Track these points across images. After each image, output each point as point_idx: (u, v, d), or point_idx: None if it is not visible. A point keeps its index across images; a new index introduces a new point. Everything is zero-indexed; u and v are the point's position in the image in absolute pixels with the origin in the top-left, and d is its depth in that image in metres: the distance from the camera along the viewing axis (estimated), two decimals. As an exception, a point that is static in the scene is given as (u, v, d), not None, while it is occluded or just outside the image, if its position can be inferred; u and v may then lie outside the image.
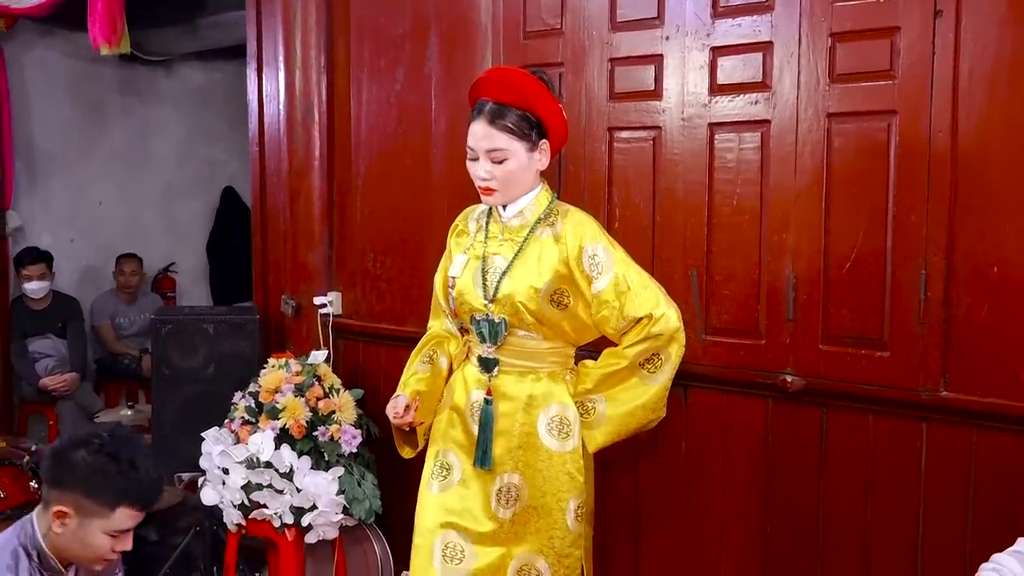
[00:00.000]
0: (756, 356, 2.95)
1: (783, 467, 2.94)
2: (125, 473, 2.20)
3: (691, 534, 3.14)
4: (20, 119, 6.22)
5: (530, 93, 2.50)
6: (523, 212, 2.60)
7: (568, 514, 2.66)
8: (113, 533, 2.23)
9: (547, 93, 2.54)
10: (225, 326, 4.07)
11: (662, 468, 3.19)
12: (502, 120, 2.49)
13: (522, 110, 2.50)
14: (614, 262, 2.55)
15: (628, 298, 2.54)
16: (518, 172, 2.53)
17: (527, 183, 2.58)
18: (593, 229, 2.59)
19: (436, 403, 2.84)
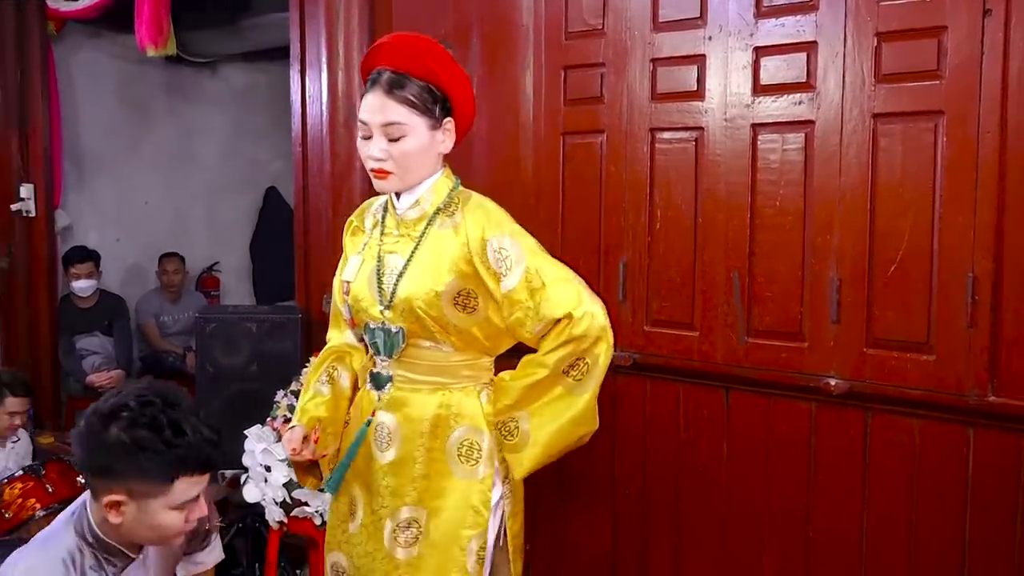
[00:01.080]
0: (799, 359, 2.92)
1: (826, 472, 2.91)
2: (171, 441, 1.91)
3: (732, 539, 3.12)
4: (68, 120, 6.32)
5: (436, 63, 2.16)
6: (420, 202, 2.24)
7: (469, 555, 2.27)
8: (180, 506, 1.97)
9: (455, 65, 2.22)
10: (268, 325, 4.11)
11: (703, 471, 3.17)
12: (401, 91, 2.13)
13: (426, 81, 2.15)
14: (524, 254, 2.19)
15: (543, 296, 2.19)
16: (417, 153, 2.17)
17: (427, 167, 2.22)
18: (498, 217, 2.25)
19: (341, 428, 2.43)
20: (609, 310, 3.29)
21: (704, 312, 3.11)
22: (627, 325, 3.29)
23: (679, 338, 3.17)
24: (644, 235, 3.23)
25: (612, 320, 3.29)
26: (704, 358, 3.11)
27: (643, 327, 3.26)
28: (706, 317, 3.11)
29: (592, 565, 3.47)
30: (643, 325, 3.26)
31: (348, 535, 2.44)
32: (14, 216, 5.86)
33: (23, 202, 5.82)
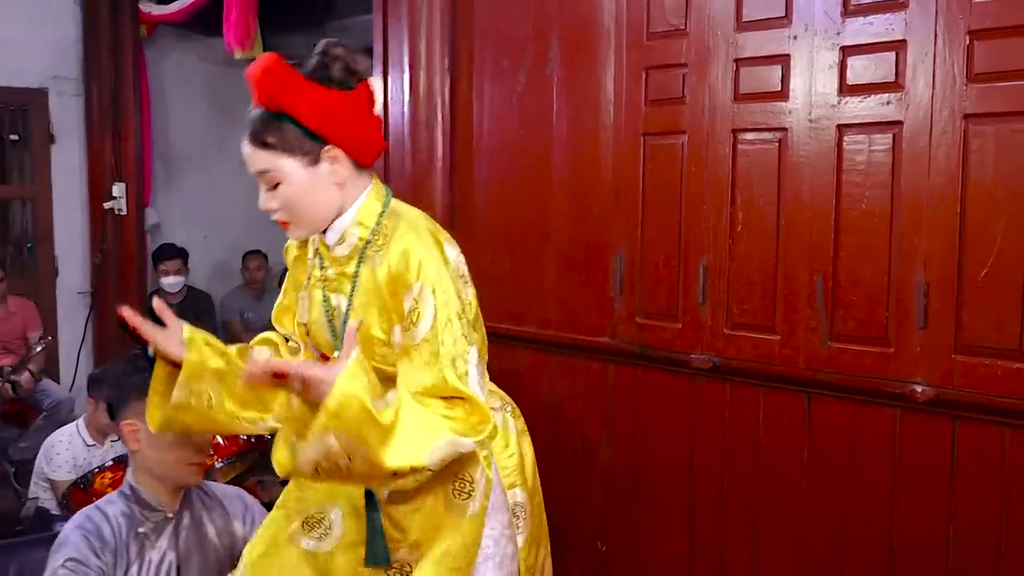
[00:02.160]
0: (884, 364, 2.86)
1: (910, 481, 2.85)
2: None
3: (812, 547, 3.06)
4: (158, 120, 6.51)
5: (279, 92, 1.84)
6: (345, 237, 1.97)
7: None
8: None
9: (309, 92, 1.86)
10: (348, 323, 4.16)
11: (782, 478, 3.12)
12: (261, 135, 1.89)
13: (281, 117, 1.87)
14: (434, 306, 1.88)
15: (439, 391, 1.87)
16: (301, 196, 1.91)
17: (327, 204, 1.93)
18: (421, 254, 1.89)
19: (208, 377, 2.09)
20: (689, 313, 3.30)
21: (786, 315, 3.07)
22: (707, 328, 3.26)
23: (760, 341, 3.13)
24: (725, 237, 3.19)
25: (691, 323, 3.30)
26: (785, 362, 3.07)
27: (723, 330, 3.22)
28: (788, 321, 3.06)
29: (668, 569, 3.45)
30: (723, 328, 3.22)
31: (303, 551, 2.10)
32: (106, 214, 6.05)
33: (115, 200, 6.01)
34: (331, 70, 1.86)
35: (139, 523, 2.27)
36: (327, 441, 1.65)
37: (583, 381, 3.70)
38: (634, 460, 3.54)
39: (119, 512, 2.26)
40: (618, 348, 3.54)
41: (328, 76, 1.87)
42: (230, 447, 3.92)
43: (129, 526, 2.25)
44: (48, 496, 4.21)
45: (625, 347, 3.52)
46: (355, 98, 1.90)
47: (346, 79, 1.87)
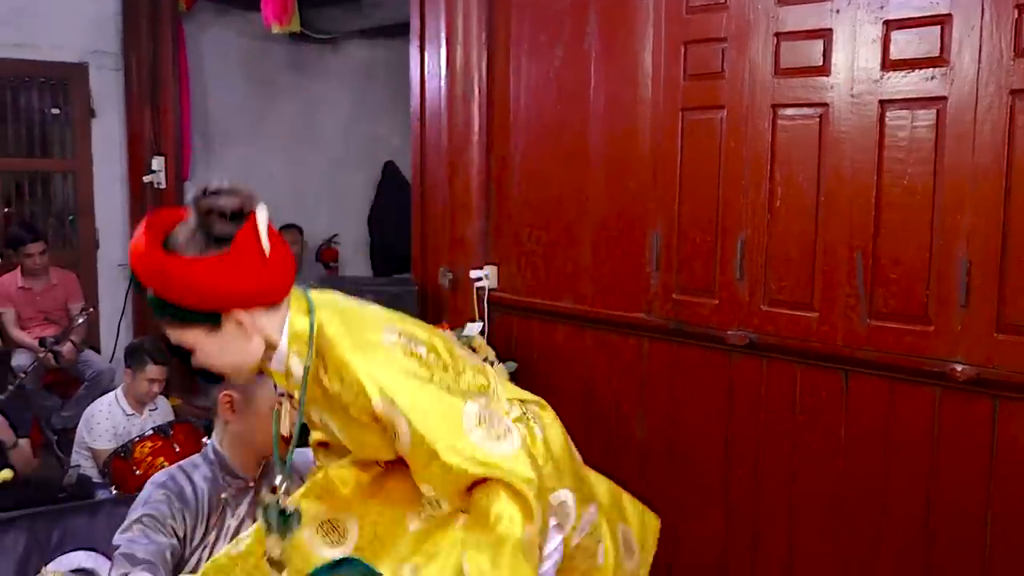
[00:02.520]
0: (923, 343, 2.83)
1: (949, 461, 2.82)
2: None
3: (848, 525, 3.05)
4: (197, 95, 6.54)
5: (154, 278, 1.69)
6: (289, 369, 1.80)
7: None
8: (280, 399, 2.16)
9: (178, 267, 1.65)
10: (385, 297, 4.15)
11: (819, 455, 3.10)
12: (157, 313, 1.74)
13: (161, 296, 1.71)
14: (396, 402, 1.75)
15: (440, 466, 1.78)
16: (216, 358, 1.78)
17: (245, 355, 1.78)
18: (355, 365, 1.75)
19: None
20: (726, 288, 3.28)
21: (824, 292, 3.04)
22: (744, 304, 3.24)
23: (797, 318, 3.11)
24: (764, 212, 3.17)
25: (728, 299, 3.28)
26: (823, 339, 3.05)
27: (760, 306, 3.20)
28: (826, 298, 3.04)
29: (703, 546, 3.45)
30: (760, 304, 3.20)
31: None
32: (146, 188, 6.10)
33: (154, 174, 6.06)
34: (209, 226, 1.66)
35: (222, 488, 2.31)
36: None
37: (618, 357, 3.70)
38: (669, 436, 3.54)
39: (203, 476, 2.30)
40: (654, 324, 3.53)
41: (203, 243, 1.66)
42: (182, 455, 3.91)
43: (212, 491, 2.30)
44: (89, 464, 4.28)
45: (661, 323, 3.51)
46: (236, 252, 1.67)
47: (224, 233, 1.66)
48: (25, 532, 3.32)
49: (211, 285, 1.66)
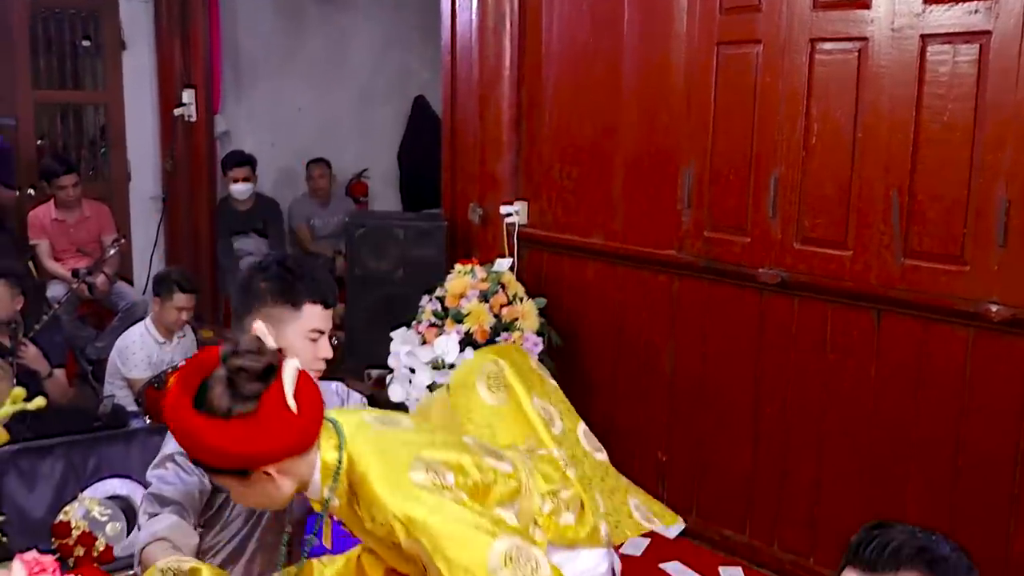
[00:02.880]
0: (959, 283, 2.80)
1: (980, 402, 2.80)
2: (301, 276, 2.28)
3: (876, 464, 3.05)
4: (227, 27, 6.50)
5: (184, 439, 1.77)
6: (327, 500, 1.85)
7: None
8: (309, 335, 2.27)
9: (206, 429, 1.70)
10: (414, 232, 4.19)
11: (849, 395, 3.10)
12: (193, 459, 1.85)
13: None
14: (429, 535, 1.77)
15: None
16: (248, 500, 1.88)
17: (275, 498, 1.83)
18: (384, 503, 1.78)
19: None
20: (758, 226, 3.25)
21: (858, 231, 3.01)
22: (776, 242, 3.21)
23: (830, 257, 3.08)
24: (799, 149, 3.12)
25: (760, 236, 3.25)
26: (856, 279, 3.02)
27: (793, 245, 3.17)
28: (860, 236, 3.00)
29: (730, 481, 3.47)
30: (793, 243, 3.17)
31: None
32: (176, 120, 6.10)
33: (185, 107, 6.05)
34: (238, 389, 1.70)
35: None
36: None
37: (649, 294, 3.69)
38: (698, 373, 3.54)
39: None
40: (685, 261, 3.51)
41: (232, 401, 1.69)
42: None
43: None
44: (123, 394, 4.35)
45: (692, 260, 3.48)
46: (264, 412, 1.71)
47: (248, 396, 1.70)
48: (62, 460, 3.39)
49: (239, 449, 1.70)
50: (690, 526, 3.58)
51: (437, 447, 1.89)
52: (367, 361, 4.19)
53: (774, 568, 3.31)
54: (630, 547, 3.46)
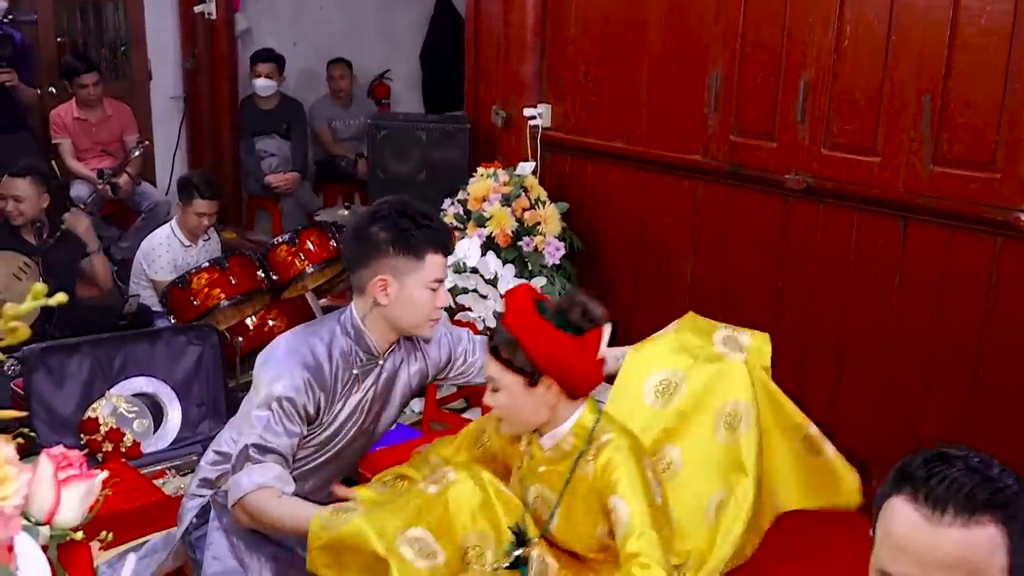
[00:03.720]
0: (989, 190, 2.76)
1: (1005, 311, 2.79)
2: (422, 225, 2.29)
3: (895, 374, 3.05)
4: (246, -79, 6.36)
5: (522, 330, 2.11)
6: (560, 445, 2.18)
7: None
8: (431, 286, 2.31)
9: (543, 333, 2.09)
10: (437, 134, 4.15)
11: (871, 303, 3.08)
12: (497, 350, 2.13)
13: (517, 343, 2.10)
14: (629, 516, 2.06)
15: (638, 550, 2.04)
16: (514, 406, 2.14)
17: (539, 416, 2.16)
18: (621, 474, 2.09)
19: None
20: (785, 131, 3.20)
21: (888, 137, 2.95)
22: (803, 147, 3.16)
23: (858, 163, 3.03)
24: (829, 52, 3.05)
25: (788, 142, 3.21)
26: (883, 185, 2.98)
27: (820, 150, 3.13)
28: (890, 142, 2.95)
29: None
30: (821, 148, 3.12)
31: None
32: (197, 18, 6.02)
33: (205, 4, 5.95)
34: (570, 314, 2.10)
35: (354, 364, 2.36)
36: None
37: (672, 199, 3.66)
38: (720, 279, 3.53)
39: (340, 352, 2.34)
40: (710, 166, 3.47)
41: (566, 321, 2.10)
42: (238, 287, 3.98)
43: (346, 367, 2.35)
44: (148, 294, 4.39)
45: (717, 165, 3.44)
46: (582, 343, 2.10)
47: (581, 324, 2.09)
48: (89, 358, 3.44)
49: (556, 355, 2.09)
50: (708, 430, 3.62)
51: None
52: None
53: (790, 473, 3.35)
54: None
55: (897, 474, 1.33)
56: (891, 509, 1.31)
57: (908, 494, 1.29)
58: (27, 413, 3.22)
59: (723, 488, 2.34)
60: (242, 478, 2.20)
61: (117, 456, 3.30)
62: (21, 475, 0.92)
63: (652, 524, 2.04)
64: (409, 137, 4.11)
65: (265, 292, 4.11)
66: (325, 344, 2.33)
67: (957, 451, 1.33)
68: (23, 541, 0.95)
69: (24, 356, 3.35)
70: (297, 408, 2.25)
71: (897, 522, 1.29)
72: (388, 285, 2.29)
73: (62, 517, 1.11)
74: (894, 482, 1.32)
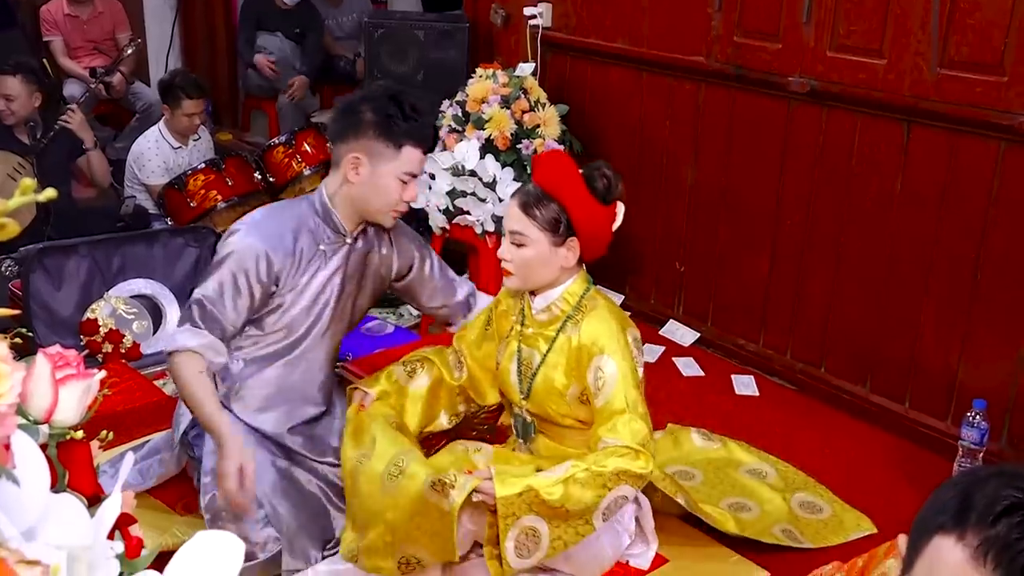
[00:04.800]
0: (994, 94, 2.72)
1: (1005, 216, 2.77)
2: (408, 116, 2.30)
3: (893, 279, 3.05)
4: None
5: (564, 189, 2.24)
6: (551, 308, 2.32)
7: None
8: (402, 177, 2.33)
9: (583, 194, 2.23)
10: (435, 33, 4.08)
11: (871, 208, 3.07)
12: (532, 208, 2.24)
13: (558, 204, 2.23)
14: (618, 379, 2.19)
15: (620, 420, 2.17)
16: (537, 262, 2.26)
17: (548, 275, 2.29)
18: (608, 335, 2.23)
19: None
20: (791, 32, 3.14)
21: (895, 38, 2.90)
22: (808, 49, 3.10)
23: (863, 65, 2.98)
24: (838, -50, 2.97)
25: (793, 43, 3.15)
26: (888, 88, 2.93)
27: (825, 52, 3.07)
28: (896, 44, 2.90)
29: (747, 293, 3.49)
30: (826, 50, 3.07)
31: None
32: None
33: None
34: (597, 183, 2.24)
35: (321, 240, 2.40)
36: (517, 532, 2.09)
37: (673, 101, 3.61)
38: (721, 183, 3.50)
39: (307, 228, 2.37)
40: (713, 68, 3.41)
41: (595, 187, 2.24)
42: (234, 189, 3.96)
43: (312, 243, 2.38)
44: (144, 197, 4.36)
45: (720, 67, 3.39)
46: (607, 213, 2.27)
47: (606, 195, 2.25)
48: (87, 259, 3.44)
49: (590, 215, 2.24)
50: (705, 335, 3.64)
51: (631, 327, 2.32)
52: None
53: (785, 377, 3.38)
54: (647, 354, 3.53)
55: (964, 511, 1.00)
56: (942, 552, 1.01)
57: (973, 553, 0.98)
58: (20, 311, 3.23)
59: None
60: (178, 335, 2.29)
61: (117, 357, 3.32)
62: (15, 373, 0.91)
63: (638, 402, 2.18)
64: (407, 36, 4.04)
65: (262, 194, 4.09)
66: (293, 218, 2.37)
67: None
68: (21, 439, 0.95)
69: (22, 257, 3.35)
70: (249, 278, 2.28)
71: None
72: (361, 165, 2.32)
73: (60, 416, 1.10)
74: (958, 517, 1.00)
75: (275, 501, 2.34)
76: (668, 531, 2.43)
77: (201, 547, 1.00)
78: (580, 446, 2.31)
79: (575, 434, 2.33)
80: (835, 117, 3.11)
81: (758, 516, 2.62)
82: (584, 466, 2.10)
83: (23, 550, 0.88)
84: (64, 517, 0.97)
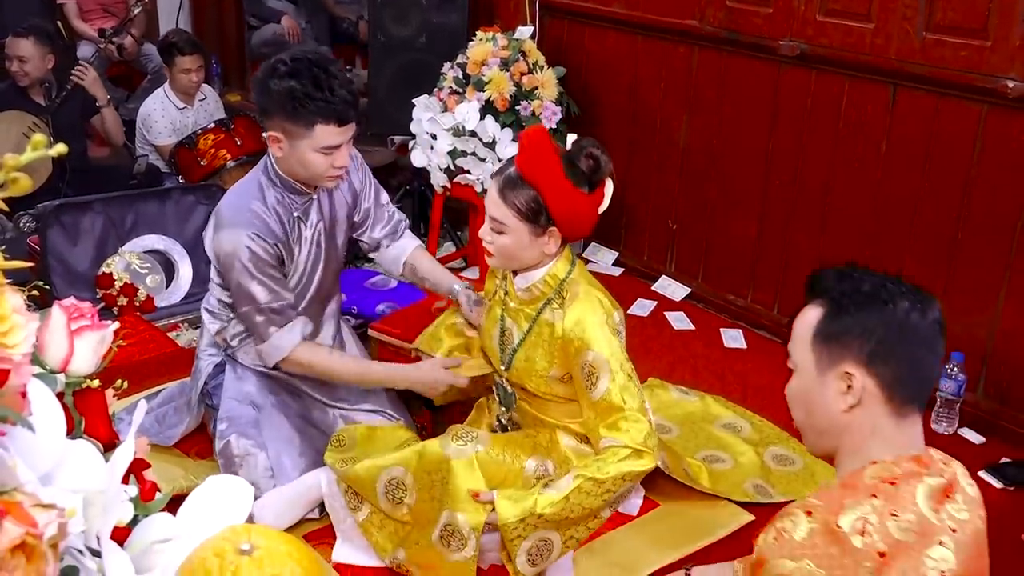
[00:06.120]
0: (978, 58, 2.79)
1: (986, 177, 2.85)
2: (312, 95, 2.22)
3: (879, 238, 3.14)
4: None
5: (542, 177, 2.15)
6: (532, 289, 2.28)
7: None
8: (322, 151, 2.28)
9: (561, 183, 2.14)
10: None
11: (858, 168, 3.15)
12: (512, 195, 2.17)
13: (536, 192, 2.15)
14: (609, 370, 2.16)
15: (619, 418, 2.16)
16: (514, 249, 2.22)
17: (529, 259, 2.24)
18: (592, 323, 2.19)
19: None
20: (780, -4, 3.19)
21: (883, 4, 2.96)
22: (797, 14, 3.17)
23: (851, 29, 3.05)
24: (828, -85, 3.03)
25: (783, 7, 3.22)
26: (875, 52, 3.01)
27: (815, 16, 3.14)
28: (884, 8, 2.97)
29: (736, 250, 3.59)
30: (815, 14, 3.14)
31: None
32: None
33: None
34: (582, 164, 2.15)
35: (292, 207, 2.41)
36: (528, 546, 2.13)
37: (667, 64, 3.68)
38: (712, 144, 3.59)
39: (274, 201, 2.38)
40: (706, 32, 3.48)
41: (579, 169, 2.15)
42: (243, 148, 4.04)
43: (287, 213, 2.40)
44: (155, 156, 4.46)
45: (713, 31, 3.46)
46: (589, 200, 2.18)
47: (592, 176, 2.15)
48: (102, 216, 3.55)
49: (570, 205, 2.15)
50: (695, 291, 3.75)
51: (609, 299, 2.28)
52: (389, 127, 4.27)
53: (772, 331, 3.49)
54: (637, 308, 3.64)
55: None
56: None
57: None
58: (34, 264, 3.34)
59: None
60: (280, 340, 2.35)
61: (132, 310, 3.45)
62: (29, 324, 0.97)
63: (634, 394, 2.16)
64: (409, 0, 4.11)
65: (269, 153, 4.17)
66: (259, 200, 2.37)
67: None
68: (37, 388, 0.98)
69: (39, 213, 3.47)
70: (270, 259, 2.34)
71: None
72: (280, 142, 2.30)
73: (76, 365, 1.14)
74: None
75: (287, 450, 2.46)
76: (654, 480, 2.50)
77: (213, 491, 1.05)
78: (562, 416, 2.32)
79: (556, 406, 2.32)
80: (823, 80, 3.18)
81: (731, 468, 2.70)
82: (587, 475, 2.10)
83: (39, 494, 0.91)
84: (80, 462, 1.01)
